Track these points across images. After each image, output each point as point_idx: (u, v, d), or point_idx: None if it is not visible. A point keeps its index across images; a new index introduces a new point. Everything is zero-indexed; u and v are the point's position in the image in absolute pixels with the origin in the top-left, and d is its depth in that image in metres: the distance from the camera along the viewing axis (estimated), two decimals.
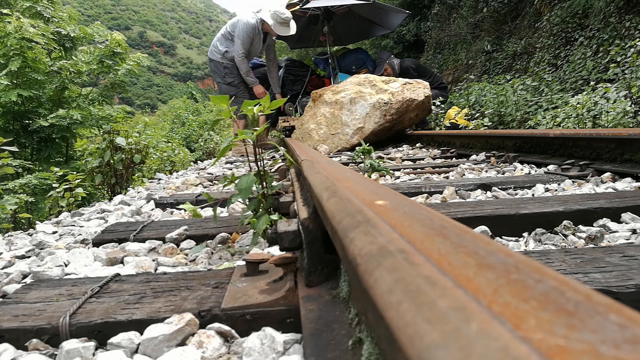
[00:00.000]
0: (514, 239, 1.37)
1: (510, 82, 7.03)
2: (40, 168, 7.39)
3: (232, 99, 6.31)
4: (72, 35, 8.67)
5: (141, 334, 0.80)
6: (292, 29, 5.93)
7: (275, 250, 1.26)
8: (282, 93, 7.10)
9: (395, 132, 5.72)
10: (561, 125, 4.75)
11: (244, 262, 1.12)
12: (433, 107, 6.62)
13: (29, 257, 1.53)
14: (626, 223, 1.38)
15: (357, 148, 2.63)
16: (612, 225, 1.36)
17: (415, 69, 7.23)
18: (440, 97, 7.16)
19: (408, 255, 0.39)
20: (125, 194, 3.09)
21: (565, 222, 1.37)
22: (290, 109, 7.25)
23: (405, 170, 2.97)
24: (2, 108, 7.73)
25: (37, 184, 5.64)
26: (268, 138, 6.98)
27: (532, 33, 8.78)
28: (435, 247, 0.41)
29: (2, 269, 1.37)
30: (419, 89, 5.47)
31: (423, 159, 3.80)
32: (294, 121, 6.65)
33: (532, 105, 6.08)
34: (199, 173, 4.15)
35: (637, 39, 5.46)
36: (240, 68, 5.84)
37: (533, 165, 2.82)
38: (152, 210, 2.30)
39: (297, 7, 7.09)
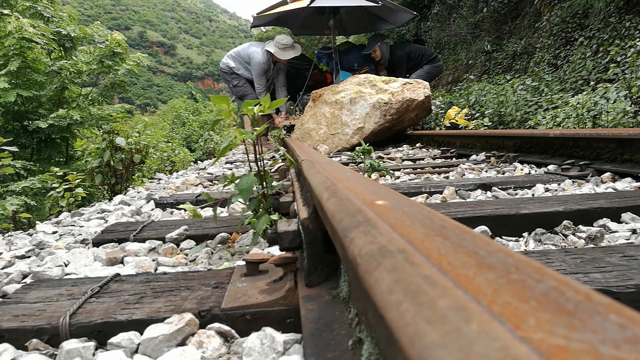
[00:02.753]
0: (514, 239, 1.37)
1: (510, 82, 7.02)
2: (41, 168, 7.38)
3: (246, 97, 6.62)
4: (72, 35, 8.67)
5: (141, 334, 0.80)
6: (297, 50, 6.76)
7: (275, 250, 1.26)
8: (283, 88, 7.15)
9: (395, 132, 5.72)
10: (561, 125, 4.75)
11: (244, 262, 1.12)
12: (433, 107, 6.62)
13: (29, 257, 1.53)
14: (626, 223, 1.38)
15: (357, 148, 2.62)
16: (612, 225, 1.36)
17: (409, 56, 7.21)
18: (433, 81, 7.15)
19: (408, 255, 0.39)
20: (125, 194, 3.09)
21: (565, 222, 1.37)
22: (292, 107, 7.24)
23: (405, 170, 2.97)
24: (2, 108, 7.72)
25: (39, 188, 5.62)
26: (268, 138, 6.98)
27: (532, 33, 8.78)
28: (435, 247, 0.41)
29: (2, 269, 1.37)
30: (419, 89, 5.47)
31: (423, 159, 3.80)
32: (294, 121, 6.65)
33: (532, 105, 6.07)
34: (199, 173, 4.15)
35: (637, 39, 5.46)
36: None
37: (533, 165, 2.82)
38: (152, 210, 2.30)
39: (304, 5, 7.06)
